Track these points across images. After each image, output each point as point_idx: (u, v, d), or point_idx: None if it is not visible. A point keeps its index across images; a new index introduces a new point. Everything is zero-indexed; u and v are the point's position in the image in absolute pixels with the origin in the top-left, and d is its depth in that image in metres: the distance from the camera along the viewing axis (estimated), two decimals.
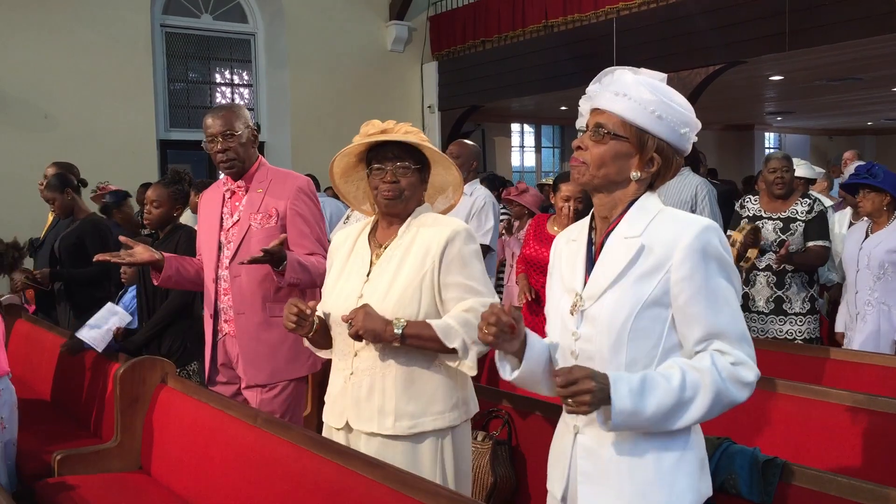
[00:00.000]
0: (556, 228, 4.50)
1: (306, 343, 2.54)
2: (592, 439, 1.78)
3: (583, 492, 1.78)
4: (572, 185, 4.42)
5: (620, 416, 1.62)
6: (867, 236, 4.39)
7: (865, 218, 4.50)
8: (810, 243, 4.48)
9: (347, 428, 2.42)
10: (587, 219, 1.92)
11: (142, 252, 3.21)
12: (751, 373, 1.71)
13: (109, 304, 4.15)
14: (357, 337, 2.26)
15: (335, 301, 2.42)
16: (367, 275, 2.41)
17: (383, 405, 2.32)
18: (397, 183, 2.36)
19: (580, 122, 1.88)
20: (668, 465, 1.73)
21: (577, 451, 1.81)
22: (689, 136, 1.82)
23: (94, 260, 3.23)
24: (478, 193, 4.92)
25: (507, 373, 1.84)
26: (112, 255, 3.23)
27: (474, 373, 2.32)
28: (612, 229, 1.80)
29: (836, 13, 7.37)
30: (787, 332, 4.49)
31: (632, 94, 1.76)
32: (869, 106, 14.24)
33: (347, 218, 6.04)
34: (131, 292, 4.36)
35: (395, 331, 2.24)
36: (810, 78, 10.57)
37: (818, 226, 4.50)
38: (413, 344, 2.27)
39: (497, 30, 11.15)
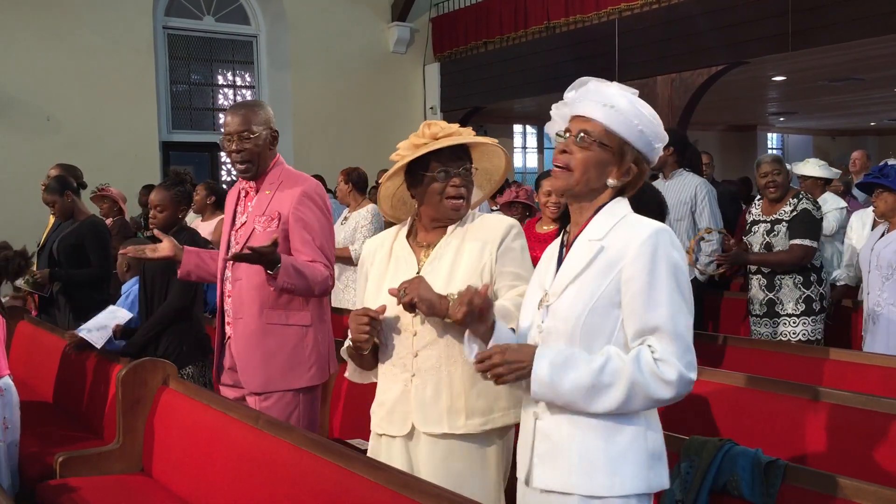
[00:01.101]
0: (545, 227, 4.51)
1: (350, 369, 2.43)
2: (549, 424, 1.90)
3: (537, 473, 1.91)
4: (551, 182, 4.50)
5: (537, 384, 1.81)
6: (882, 237, 4.37)
7: (865, 217, 4.48)
8: (791, 242, 4.42)
9: (409, 435, 2.32)
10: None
11: (166, 246, 3.20)
12: (672, 371, 1.77)
13: (111, 307, 4.16)
14: (410, 307, 2.17)
15: (387, 304, 2.28)
16: (418, 273, 2.32)
17: (452, 404, 2.25)
18: (465, 188, 2.33)
19: (555, 128, 1.97)
20: (614, 451, 1.83)
21: (537, 435, 1.93)
22: (659, 151, 1.94)
23: (121, 252, 3.18)
24: None
25: (472, 354, 1.95)
26: (137, 249, 3.19)
27: None
28: (580, 232, 1.93)
29: (839, 13, 7.36)
30: (780, 334, 4.45)
31: (619, 106, 1.87)
32: (872, 106, 14.23)
33: (346, 219, 6.06)
34: (128, 296, 4.36)
35: (451, 301, 2.13)
36: (813, 78, 10.56)
37: (799, 224, 4.42)
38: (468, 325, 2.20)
39: (499, 31, 11.16)
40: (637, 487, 1.84)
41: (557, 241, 2.03)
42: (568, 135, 1.92)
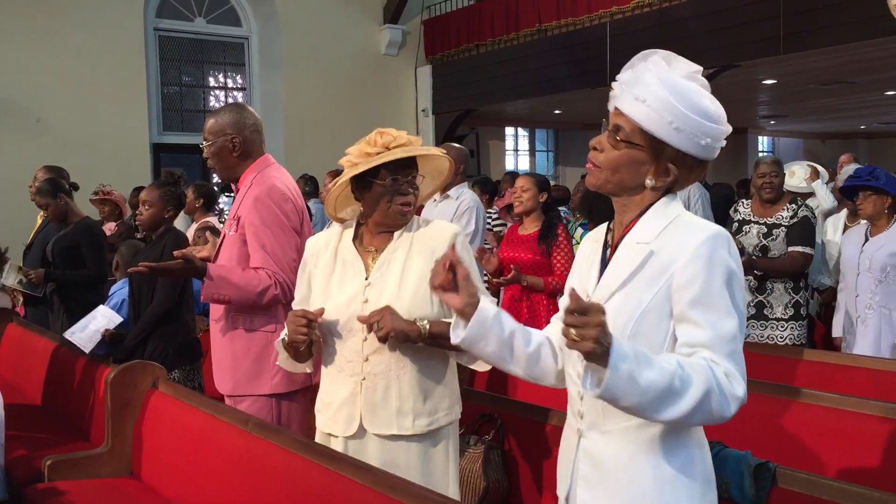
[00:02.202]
0: (528, 229, 4.54)
1: (281, 357, 2.46)
2: (594, 443, 1.75)
3: (581, 495, 1.78)
4: (519, 179, 4.61)
5: (616, 376, 1.50)
6: (867, 239, 4.36)
7: (862, 221, 4.49)
8: (790, 248, 4.44)
9: (355, 435, 2.36)
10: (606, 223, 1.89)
11: (204, 252, 3.15)
12: (740, 388, 1.60)
13: (101, 307, 4.14)
14: (383, 339, 2.25)
15: (335, 308, 2.35)
16: (366, 279, 2.37)
17: (401, 407, 2.33)
18: (413, 195, 2.37)
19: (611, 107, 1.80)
20: (666, 476, 1.68)
21: (580, 454, 1.79)
22: (712, 146, 1.73)
23: (176, 255, 2.97)
24: (463, 197, 4.95)
25: (456, 338, 1.80)
26: (185, 252, 3.02)
27: (487, 368, 2.42)
28: (626, 233, 1.76)
29: (830, 17, 7.40)
30: (768, 338, 4.46)
31: (651, 101, 1.67)
32: (862, 110, 14.30)
33: (331, 224, 6.05)
34: (117, 296, 4.34)
35: (422, 331, 2.26)
36: (804, 82, 10.61)
37: (800, 231, 4.43)
38: (436, 344, 2.30)
39: (491, 33, 11.17)
40: None
41: (599, 240, 1.86)
42: (606, 126, 1.76)
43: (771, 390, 3.17)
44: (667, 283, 1.66)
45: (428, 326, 2.27)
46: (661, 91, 1.67)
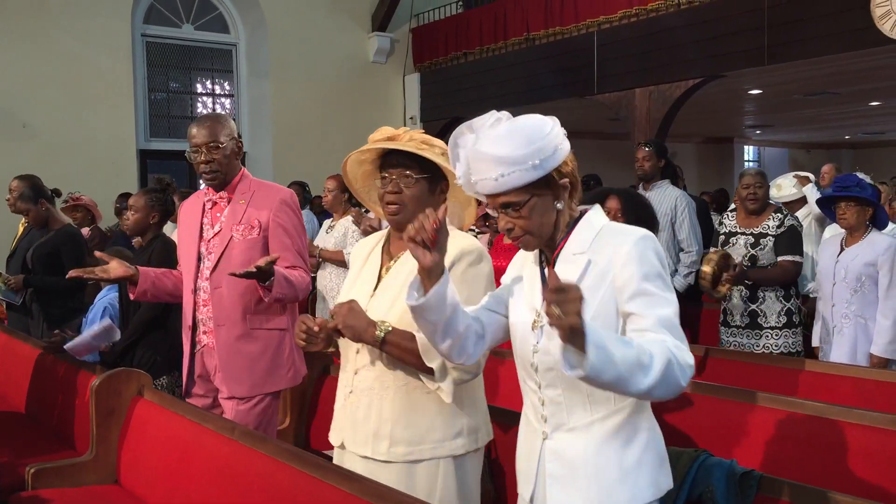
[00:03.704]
0: None
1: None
2: (562, 442, 1.88)
3: (552, 494, 1.88)
4: None
5: (596, 353, 1.57)
6: (842, 249, 4.39)
7: (837, 230, 4.51)
8: (779, 258, 4.48)
9: (341, 446, 2.37)
10: None
11: (116, 267, 3.19)
12: (690, 356, 1.73)
13: (107, 322, 4.08)
14: (337, 332, 2.18)
15: None
16: (375, 289, 2.33)
17: (379, 429, 2.24)
18: (399, 193, 2.26)
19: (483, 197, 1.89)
20: (630, 463, 1.83)
21: (546, 454, 1.90)
22: (562, 147, 1.84)
23: (68, 277, 3.19)
24: None
25: (409, 298, 1.87)
26: (86, 270, 3.20)
27: (450, 400, 2.19)
28: (561, 249, 1.90)
29: (814, 28, 7.46)
30: (763, 347, 4.48)
31: (503, 168, 1.78)
32: (846, 120, 14.42)
33: (331, 227, 6.06)
34: (100, 304, 4.32)
35: (377, 333, 2.15)
36: (788, 92, 10.69)
37: (787, 240, 4.48)
38: (392, 352, 2.18)
39: (479, 42, 11.20)
40: (652, 494, 1.85)
41: (532, 260, 1.99)
42: (497, 212, 1.87)
43: (754, 399, 3.19)
44: (609, 285, 1.81)
45: (384, 332, 2.15)
46: (498, 155, 1.79)
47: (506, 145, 1.80)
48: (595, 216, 1.92)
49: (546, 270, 1.91)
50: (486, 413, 2.39)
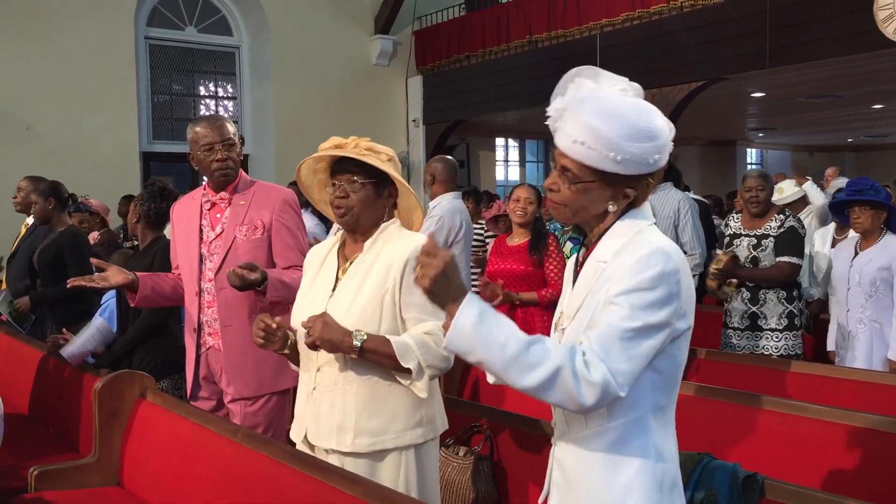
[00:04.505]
0: (515, 240, 4.56)
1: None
2: (563, 451, 1.84)
3: (553, 501, 1.88)
4: (523, 190, 4.60)
5: (457, 323, 1.61)
6: (857, 253, 4.36)
7: (851, 234, 4.48)
8: (778, 259, 4.46)
9: (306, 442, 2.42)
10: None
11: (115, 275, 3.17)
12: (597, 374, 1.61)
13: (98, 322, 4.10)
14: (314, 346, 2.25)
15: (301, 317, 2.38)
16: (333, 290, 2.41)
17: (343, 422, 2.31)
18: (346, 198, 2.37)
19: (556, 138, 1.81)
20: (619, 485, 1.73)
21: (554, 462, 1.89)
22: (658, 162, 1.73)
23: (68, 286, 3.18)
24: (438, 211, 4.98)
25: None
26: (86, 279, 3.19)
27: (424, 395, 2.29)
28: (591, 252, 1.81)
29: (817, 31, 7.46)
30: (762, 348, 4.47)
31: (588, 140, 1.67)
32: (849, 123, 14.41)
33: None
34: (105, 309, 4.33)
35: (354, 343, 2.22)
36: (791, 95, 10.69)
37: (786, 241, 4.45)
38: (370, 359, 2.26)
39: (482, 45, 11.21)
40: None
41: (572, 260, 1.93)
42: (555, 167, 1.79)
43: (759, 402, 3.18)
44: (605, 294, 1.70)
45: (361, 341, 2.23)
46: (595, 125, 1.66)
47: (607, 122, 1.66)
48: (626, 224, 1.77)
49: (576, 269, 1.85)
50: (441, 403, 2.49)
